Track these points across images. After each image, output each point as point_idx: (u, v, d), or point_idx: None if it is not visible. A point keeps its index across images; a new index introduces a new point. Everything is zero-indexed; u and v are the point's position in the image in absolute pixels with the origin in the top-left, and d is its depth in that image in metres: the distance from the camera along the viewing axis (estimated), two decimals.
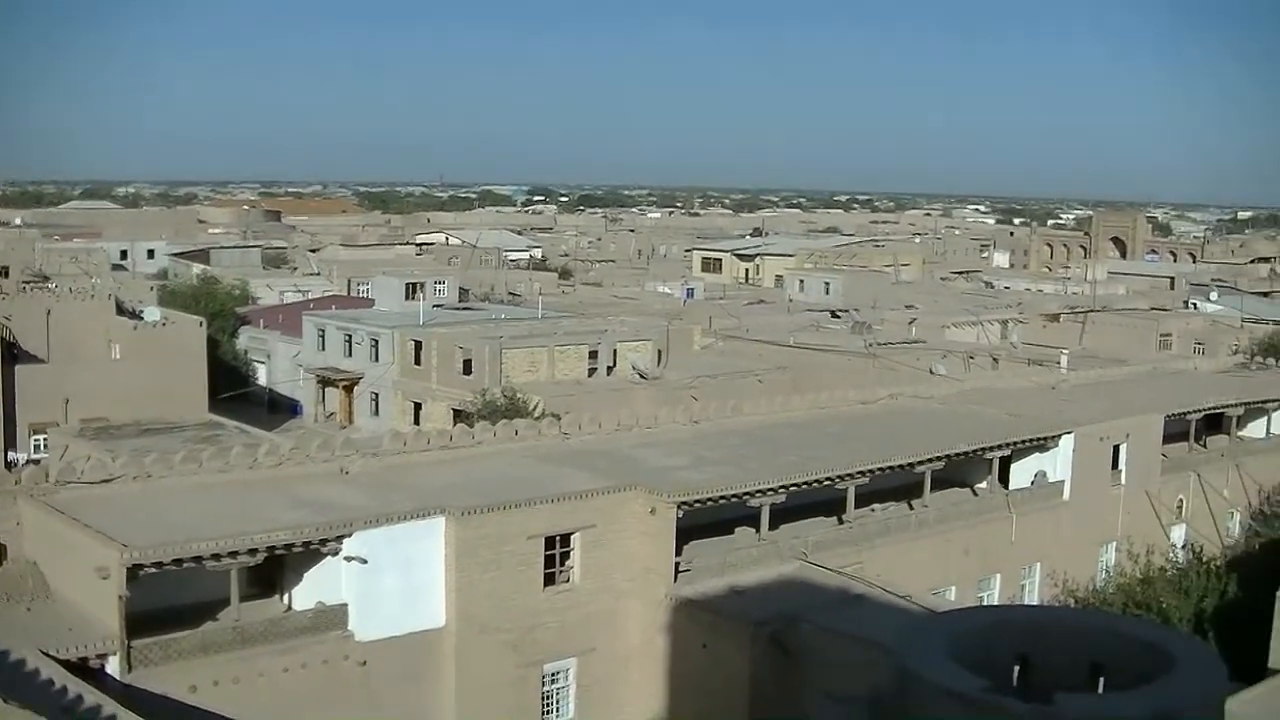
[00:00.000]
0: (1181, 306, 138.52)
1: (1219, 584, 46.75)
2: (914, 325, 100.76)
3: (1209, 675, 12.12)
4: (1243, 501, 63.27)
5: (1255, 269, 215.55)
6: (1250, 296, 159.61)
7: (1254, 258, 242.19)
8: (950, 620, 13.83)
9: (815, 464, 45.49)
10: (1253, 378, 74.64)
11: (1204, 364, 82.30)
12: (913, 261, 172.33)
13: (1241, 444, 66.61)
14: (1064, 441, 54.21)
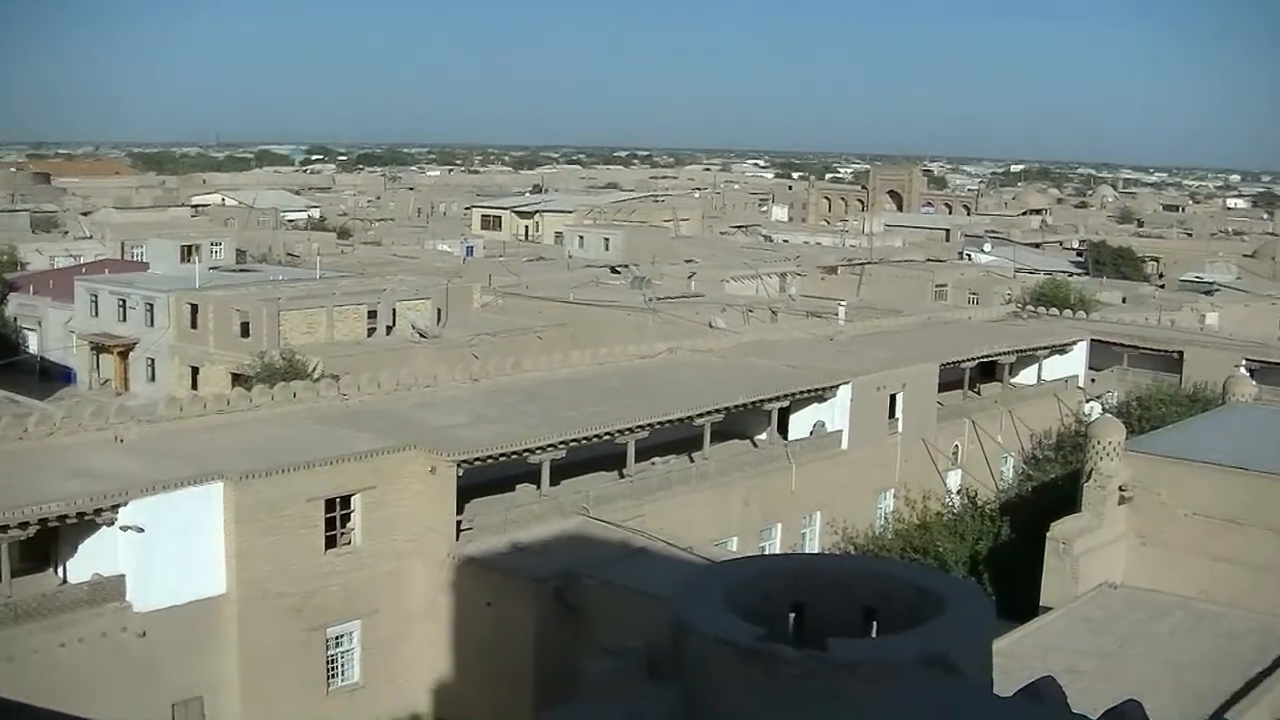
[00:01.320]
0: (956, 258, 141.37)
1: (993, 527, 47.80)
2: (693, 279, 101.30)
3: (978, 616, 12.31)
4: (1015, 446, 64.76)
5: (1027, 220, 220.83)
6: (1022, 247, 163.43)
7: (1025, 210, 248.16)
8: (726, 570, 13.88)
9: (595, 419, 45.56)
10: (1024, 326, 76.38)
11: (978, 314, 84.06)
12: (692, 216, 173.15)
13: (1014, 391, 68.16)
14: (841, 392, 54.95)
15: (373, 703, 39.55)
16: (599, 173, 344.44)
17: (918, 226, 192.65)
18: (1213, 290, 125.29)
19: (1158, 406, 61.19)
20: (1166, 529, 34.54)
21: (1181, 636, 29.42)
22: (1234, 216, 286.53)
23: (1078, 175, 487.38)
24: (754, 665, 11.25)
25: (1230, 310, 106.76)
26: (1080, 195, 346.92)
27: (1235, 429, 40.46)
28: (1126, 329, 77.67)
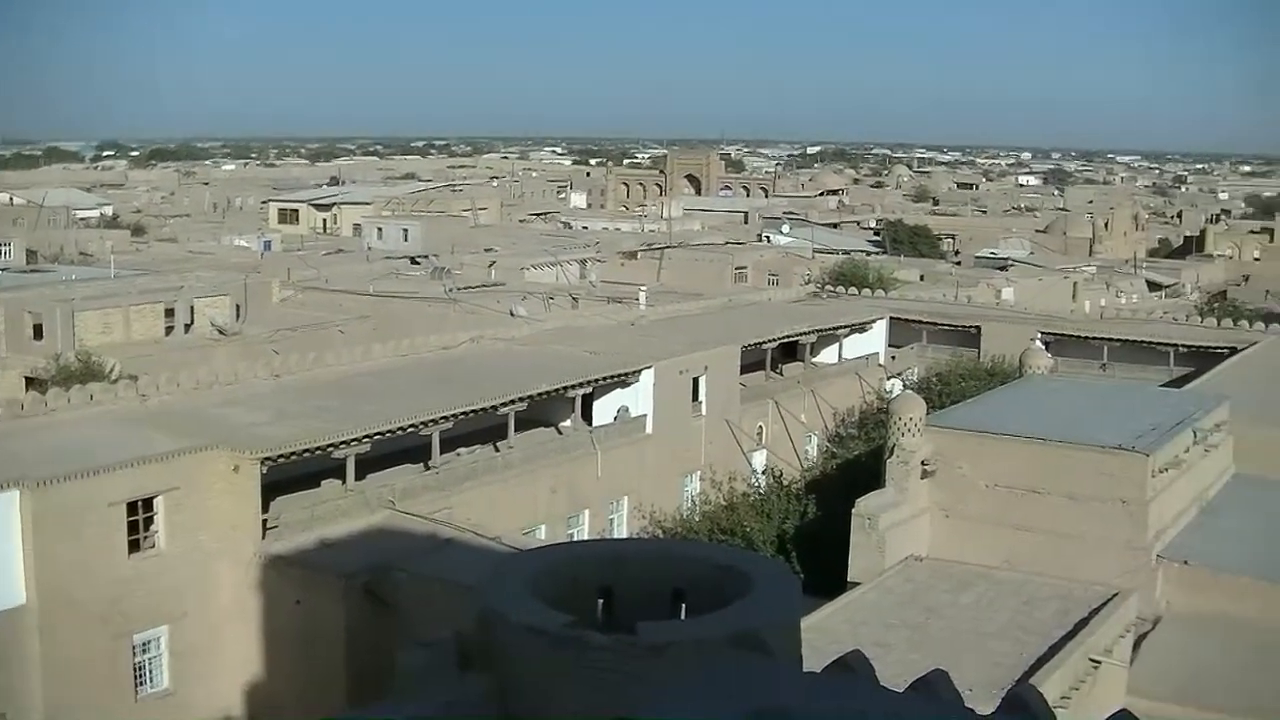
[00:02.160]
0: (755, 240, 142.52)
1: (799, 505, 48.21)
2: (493, 268, 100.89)
3: (785, 594, 12.38)
4: (819, 425, 65.50)
5: (824, 201, 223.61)
6: (820, 228, 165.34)
7: (823, 190, 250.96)
8: (532, 558, 13.81)
9: (398, 412, 45.16)
10: (824, 306, 77.31)
11: (778, 295, 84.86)
12: (491, 205, 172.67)
13: (815, 370, 68.93)
14: (645, 376, 55.15)
15: (183, 708, 38.82)
16: (396, 163, 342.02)
17: (716, 210, 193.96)
18: (1007, 266, 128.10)
19: (957, 381, 62.22)
20: (968, 501, 35.15)
21: (986, 605, 29.95)
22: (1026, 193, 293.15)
23: (873, 156, 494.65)
24: (563, 652, 11.21)
25: (1025, 285, 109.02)
26: (876, 175, 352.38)
27: (1032, 401, 41.29)
28: (925, 306, 78.94)
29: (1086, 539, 33.49)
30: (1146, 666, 29.49)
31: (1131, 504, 33.31)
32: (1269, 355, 63.24)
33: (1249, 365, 60.10)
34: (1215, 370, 58.10)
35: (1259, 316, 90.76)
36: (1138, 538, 33.18)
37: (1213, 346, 66.28)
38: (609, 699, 10.80)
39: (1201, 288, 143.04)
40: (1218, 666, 30.23)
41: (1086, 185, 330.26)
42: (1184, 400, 42.38)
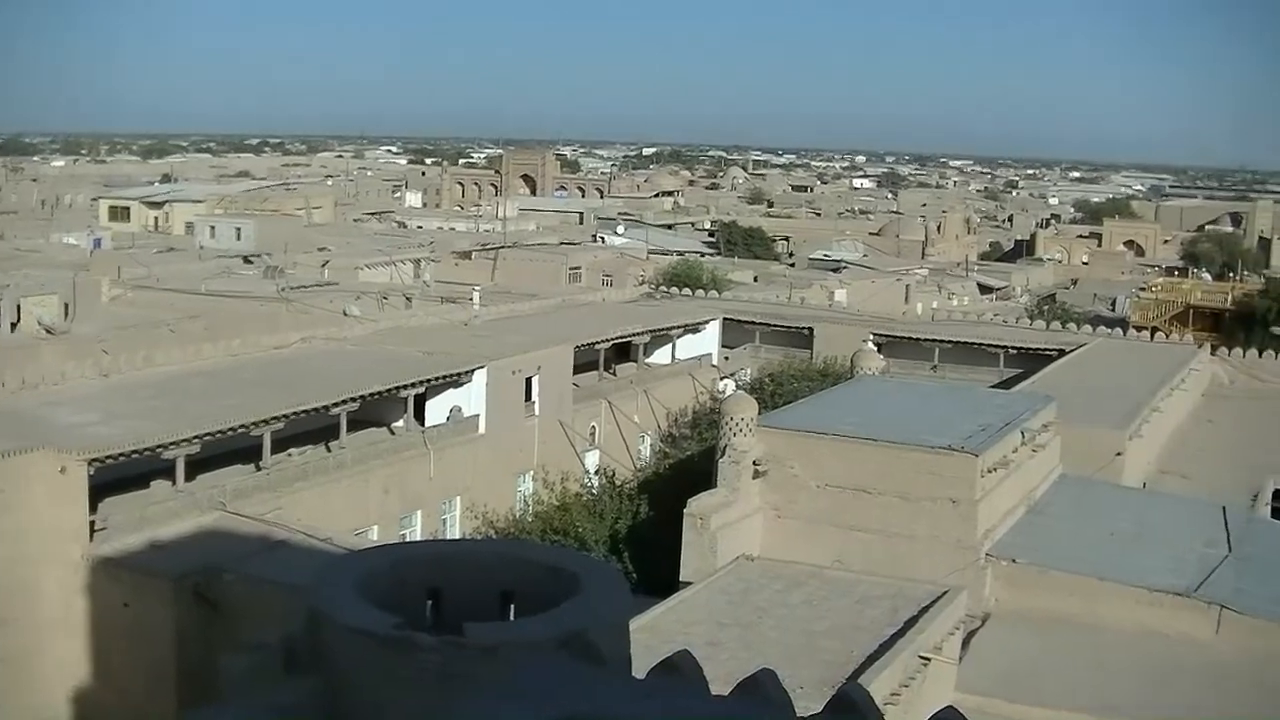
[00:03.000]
0: (590, 240, 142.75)
1: (632, 505, 48.30)
2: (327, 268, 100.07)
3: (614, 595, 12.34)
4: (652, 425, 65.70)
5: (659, 202, 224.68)
6: (655, 229, 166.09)
7: (658, 191, 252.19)
8: (361, 559, 13.65)
9: (229, 412, 44.60)
10: (658, 307, 77.59)
11: (612, 295, 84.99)
12: (325, 204, 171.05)
13: (649, 370, 69.16)
14: (477, 376, 55.00)
15: (6, 718, 37.99)
16: (230, 161, 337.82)
17: (552, 210, 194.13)
18: (841, 268, 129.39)
19: (789, 382, 62.74)
20: (800, 501, 35.37)
21: (817, 605, 30.16)
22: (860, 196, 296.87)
23: (709, 157, 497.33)
24: (390, 654, 11.08)
25: (858, 287, 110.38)
26: (712, 177, 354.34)
27: (864, 401, 41.67)
28: (758, 307, 79.59)
29: (917, 538, 33.87)
30: (975, 663, 29.89)
31: (961, 503, 33.74)
32: (1096, 357, 64.54)
33: (1076, 367, 61.29)
34: (1044, 371, 59.17)
35: (1087, 319, 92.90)
36: (967, 536, 33.61)
37: (1042, 348, 67.51)
38: (437, 701, 10.71)
39: (1031, 291, 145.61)
40: (1043, 662, 30.73)
41: (920, 189, 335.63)
42: (1013, 401, 43.02)
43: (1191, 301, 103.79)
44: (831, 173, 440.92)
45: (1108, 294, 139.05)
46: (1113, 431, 46.92)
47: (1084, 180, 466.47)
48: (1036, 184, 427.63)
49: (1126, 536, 37.90)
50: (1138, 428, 49.10)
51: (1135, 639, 31.76)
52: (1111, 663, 30.68)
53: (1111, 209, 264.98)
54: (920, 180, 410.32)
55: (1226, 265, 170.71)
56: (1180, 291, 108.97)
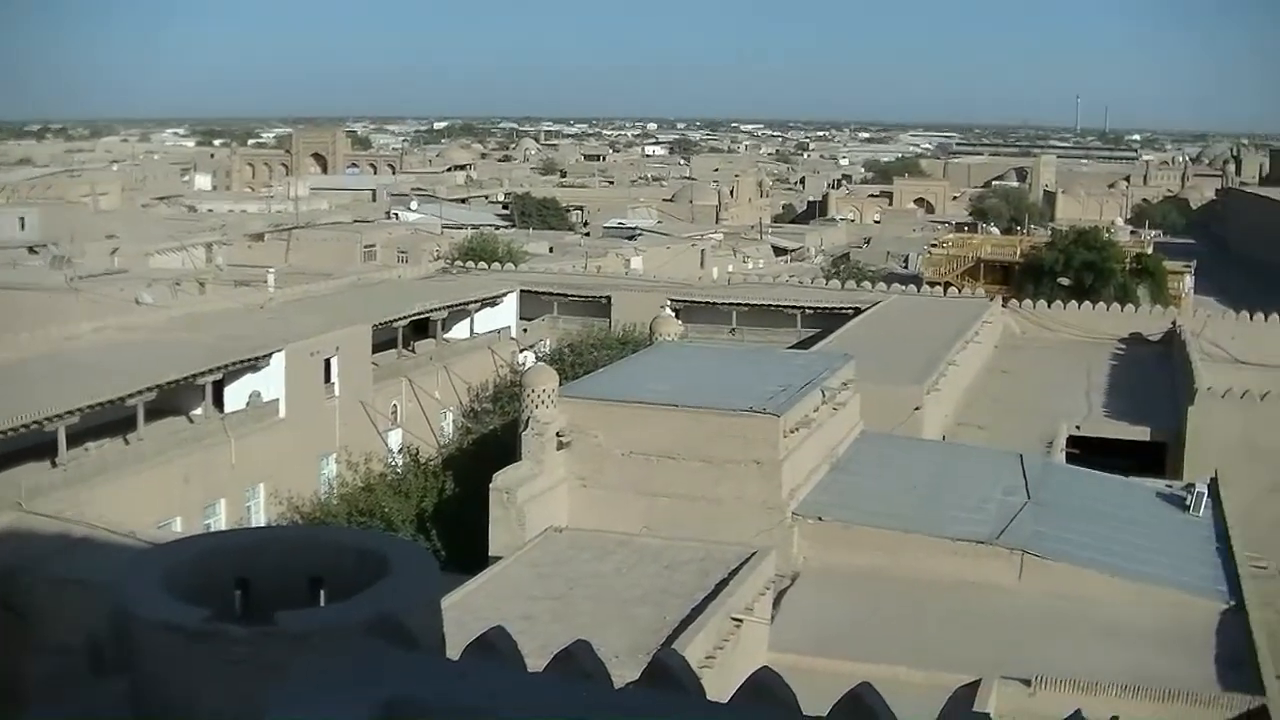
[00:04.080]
0: (384, 218, 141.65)
1: (437, 483, 48.01)
2: (116, 255, 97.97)
3: (423, 575, 12.22)
4: (454, 401, 65.42)
5: (452, 177, 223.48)
6: (449, 204, 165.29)
7: (450, 166, 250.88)
8: (166, 552, 13.33)
9: (20, 408, 43.53)
10: (455, 282, 77.20)
11: (408, 272, 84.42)
12: (112, 190, 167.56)
13: (448, 346, 68.86)
14: (275, 360, 54.32)
15: None
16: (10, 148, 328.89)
17: (344, 189, 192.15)
18: (636, 235, 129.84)
19: (589, 351, 62.79)
20: (606, 470, 35.40)
21: (627, 573, 30.21)
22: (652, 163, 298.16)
23: (500, 130, 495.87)
24: (202, 647, 10.86)
25: (653, 254, 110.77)
26: (504, 150, 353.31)
27: (664, 367, 41.80)
28: (555, 278, 79.63)
29: (723, 501, 34.09)
30: (787, 622, 30.18)
31: (765, 464, 34.02)
32: (891, 314, 65.56)
33: (872, 324, 62.19)
34: (841, 330, 59.92)
35: (881, 277, 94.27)
36: (772, 497, 33.90)
37: (838, 307, 68.41)
38: (251, 692, 10.54)
39: (825, 251, 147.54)
40: (854, 617, 31.15)
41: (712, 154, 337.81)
42: (812, 361, 43.42)
43: (981, 256, 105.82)
44: (624, 141, 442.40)
45: (900, 251, 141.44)
46: (911, 386, 47.70)
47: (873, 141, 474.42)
48: (827, 145, 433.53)
49: (928, 489, 38.56)
50: (935, 382, 49.98)
51: (942, 589, 32.34)
52: (920, 613, 31.20)
53: (901, 168, 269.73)
54: (712, 145, 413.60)
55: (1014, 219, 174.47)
56: (970, 246, 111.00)
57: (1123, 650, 28.97)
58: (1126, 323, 73.29)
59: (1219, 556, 35.15)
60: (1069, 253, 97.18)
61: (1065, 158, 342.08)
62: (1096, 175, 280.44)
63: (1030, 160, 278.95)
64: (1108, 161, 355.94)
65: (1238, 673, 27.70)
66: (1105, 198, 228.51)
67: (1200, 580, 33.27)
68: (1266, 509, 51.64)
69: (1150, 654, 28.83)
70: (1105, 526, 36.90)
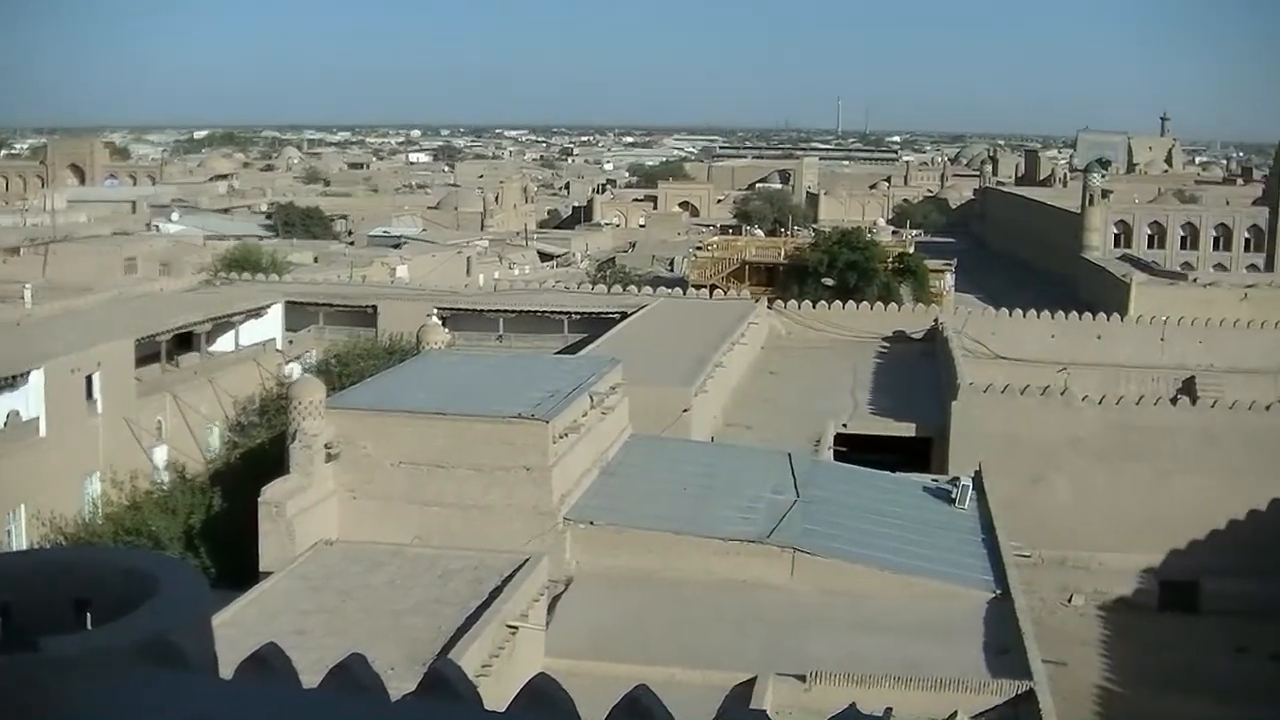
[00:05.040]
0: (145, 229, 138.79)
1: (205, 499, 47.15)
2: None
3: (192, 592, 11.94)
4: (220, 415, 64.34)
5: (214, 187, 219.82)
6: (211, 214, 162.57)
7: (212, 176, 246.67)
8: None
9: None
10: (218, 294, 75.97)
11: (170, 285, 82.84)
12: None
13: (213, 359, 67.70)
14: (34, 378, 52.89)
15: None
16: None
17: (103, 200, 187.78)
18: (401, 244, 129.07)
19: (356, 361, 62.21)
20: (375, 481, 35.15)
21: (400, 584, 30.04)
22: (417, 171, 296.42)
23: (263, 139, 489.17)
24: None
25: (419, 262, 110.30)
26: (266, 159, 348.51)
27: (432, 376, 41.63)
28: (320, 288, 78.83)
29: (495, 509, 34.06)
30: (562, 627, 30.26)
31: (535, 470, 34.06)
32: (658, 317, 65.99)
33: (639, 328, 62.55)
34: (608, 334, 60.18)
35: (647, 280, 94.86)
36: (544, 503, 33.96)
37: (605, 312, 68.66)
38: None
39: (591, 256, 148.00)
40: (630, 619, 31.33)
41: (477, 160, 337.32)
42: (579, 366, 43.59)
43: (746, 258, 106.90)
44: (388, 148, 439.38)
45: (666, 255, 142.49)
46: (678, 389, 48.10)
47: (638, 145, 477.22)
48: (592, 150, 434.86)
49: (699, 490, 38.92)
50: (702, 383, 50.45)
51: (716, 588, 32.68)
52: (695, 614, 31.49)
53: (665, 172, 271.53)
54: (477, 152, 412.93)
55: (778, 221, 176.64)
56: (735, 249, 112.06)
57: (895, 642, 29.56)
58: (890, 321, 74.76)
59: (984, 547, 36.09)
60: (832, 253, 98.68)
61: (827, 159, 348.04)
62: (858, 176, 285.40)
63: (793, 162, 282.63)
64: (869, 163, 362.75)
65: (1006, 659, 28.44)
66: (867, 198, 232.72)
67: (967, 571, 34.10)
68: (1028, 500, 53.21)
69: (922, 644, 29.46)
70: (874, 522, 37.60)
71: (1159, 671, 49.03)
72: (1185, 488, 56.30)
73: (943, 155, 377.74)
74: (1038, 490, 55.44)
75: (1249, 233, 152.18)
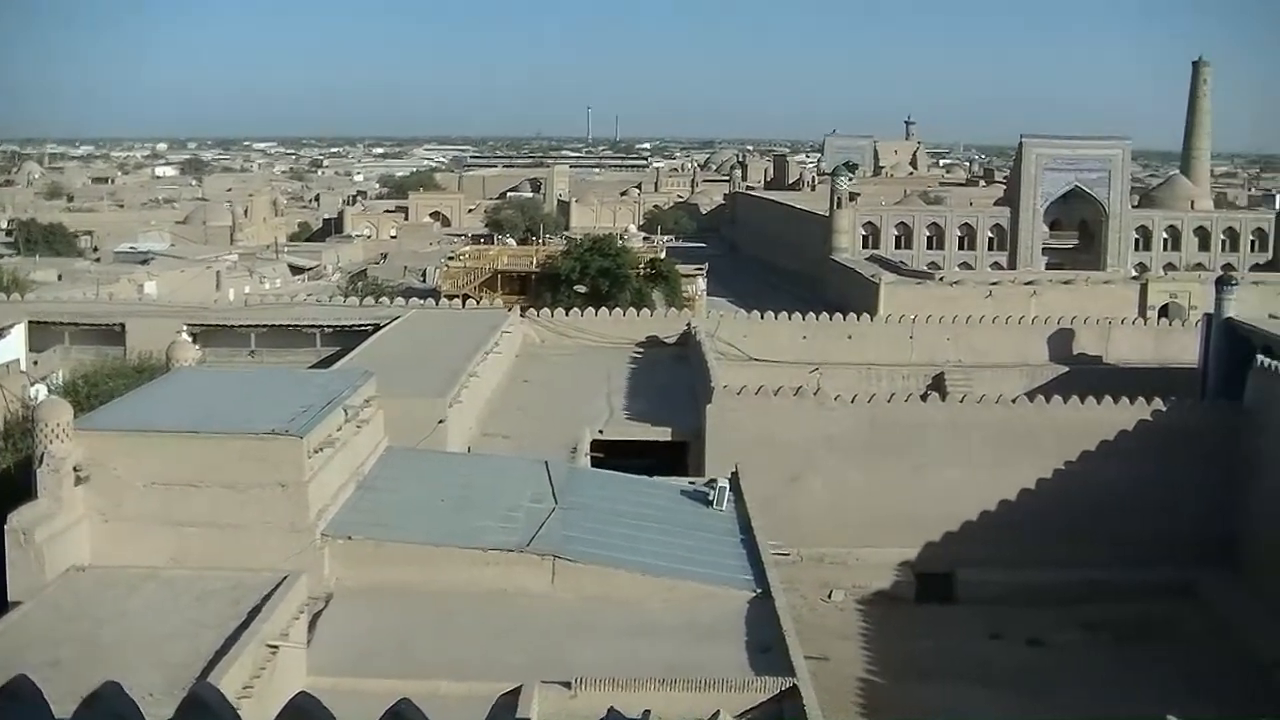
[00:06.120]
0: None
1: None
2: None
3: None
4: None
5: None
6: None
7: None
8: None
9: None
10: None
11: None
12: None
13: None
14: None
15: None
16: None
17: None
18: (149, 260, 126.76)
19: (104, 381, 60.77)
20: (127, 503, 34.35)
21: (157, 608, 29.42)
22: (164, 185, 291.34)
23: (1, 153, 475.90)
24: None
25: (168, 278, 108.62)
26: (5, 174, 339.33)
27: (183, 394, 40.84)
28: (65, 307, 76.91)
29: (251, 527, 33.53)
30: (323, 644, 29.91)
31: (291, 487, 33.60)
32: (412, 328, 65.66)
33: (392, 340, 62.16)
34: (362, 347, 59.67)
35: (399, 292, 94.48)
36: (300, 519, 33.52)
37: (358, 324, 68.11)
38: None
39: (343, 268, 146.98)
40: (392, 634, 31.08)
41: (225, 174, 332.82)
42: (333, 379, 43.10)
43: (499, 267, 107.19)
44: (133, 162, 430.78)
45: (418, 265, 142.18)
46: (433, 400, 47.97)
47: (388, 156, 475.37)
48: (342, 162, 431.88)
49: (458, 501, 38.80)
50: (457, 394, 50.36)
51: (478, 599, 32.60)
52: (457, 625, 31.39)
53: (416, 182, 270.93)
54: (225, 165, 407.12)
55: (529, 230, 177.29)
56: (487, 258, 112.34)
57: (658, 645, 29.79)
58: (643, 327, 75.40)
59: (743, 547, 36.51)
60: (585, 260, 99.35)
61: (578, 167, 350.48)
62: (609, 184, 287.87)
63: (544, 171, 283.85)
64: (620, 170, 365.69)
65: (768, 657, 28.85)
66: (618, 205, 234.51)
67: (727, 572, 34.47)
68: (785, 499, 54.08)
69: (685, 647, 29.73)
70: (633, 526, 37.82)
71: (919, 661, 50.26)
72: (938, 481, 57.81)
73: (693, 161, 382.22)
74: (795, 489, 56.42)
75: (992, 232, 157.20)
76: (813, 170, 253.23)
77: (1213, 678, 48.62)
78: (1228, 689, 47.02)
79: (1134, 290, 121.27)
